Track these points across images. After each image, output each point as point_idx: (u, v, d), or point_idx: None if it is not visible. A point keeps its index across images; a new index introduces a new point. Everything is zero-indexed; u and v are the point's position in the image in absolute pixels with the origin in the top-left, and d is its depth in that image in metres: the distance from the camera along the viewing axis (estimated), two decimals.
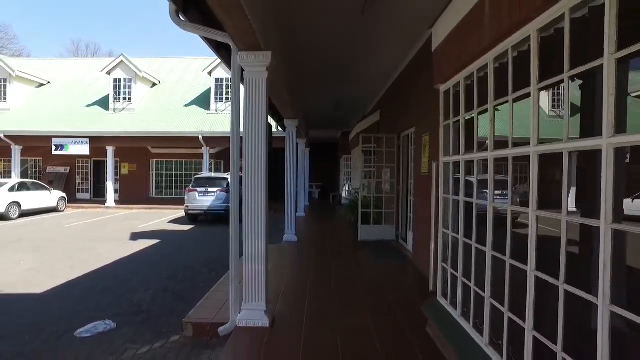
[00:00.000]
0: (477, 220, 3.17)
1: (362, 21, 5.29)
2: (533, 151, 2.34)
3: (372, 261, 7.41)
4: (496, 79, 2.85)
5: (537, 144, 2.32)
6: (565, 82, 2.09)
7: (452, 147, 3.72)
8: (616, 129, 1.77)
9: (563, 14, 2.09)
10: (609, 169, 1.76)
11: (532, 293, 2.36)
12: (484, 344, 2.94)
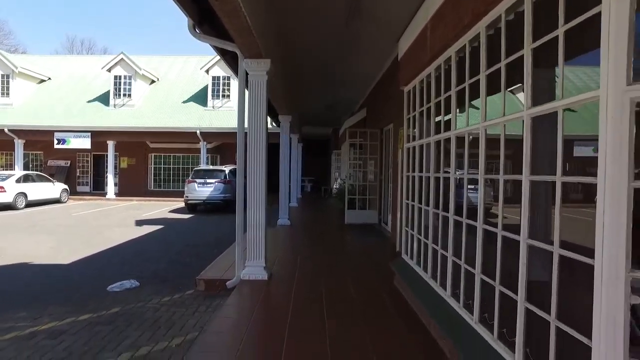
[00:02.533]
0: (427, 189, 4.23)
1: (347, 33, 6.29)
2: (467, 131, 3.39)
3: (355, 239, 8.52)
4: (436, 83, 3.90)
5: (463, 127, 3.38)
6: (481, 81, 3.11)
7: (412, 135, 4.78)
8: (533, 103, 2.24)
9: (478, 33, 3.13)
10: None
11: (480, 244, 3.41)
12: (431, 280, 3.99)
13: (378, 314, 4.13)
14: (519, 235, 2.33)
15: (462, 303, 3.19)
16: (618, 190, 1.58)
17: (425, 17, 4.10)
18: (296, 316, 4.03)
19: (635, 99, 1.57)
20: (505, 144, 2.62)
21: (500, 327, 2.58)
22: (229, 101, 21.04)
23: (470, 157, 3.30)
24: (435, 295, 3.72)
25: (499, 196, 2.65)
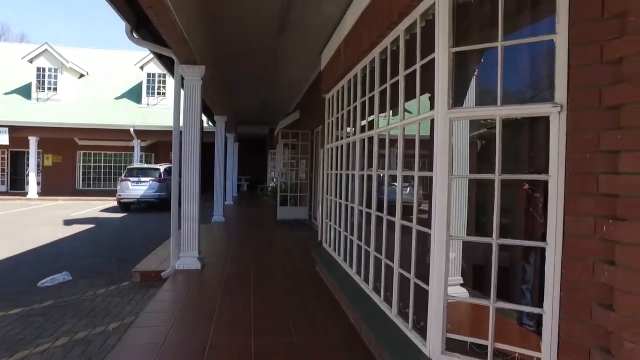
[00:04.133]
0: (341, 185, 4.92)
1: (278, 43, 6.85)
2: (376, 133, 4.09)
3: (285, 233, 9.17)
4: (347, 94, 4.60)
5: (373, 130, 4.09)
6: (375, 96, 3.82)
7: (330, 137, 5.47)
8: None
9: (373, 57, 3.83)
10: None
11: (373, 229, 4.11)
12: (343, 263, 4.68)
13: (298, 292, 4.78)
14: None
15: (363, 277, 3.90)
16: (442, 180, 2.31)
17: (340, 38, 4.80)
18: (226, 295, 4.57)
19: (453, 118, 2.31)
20: (388, 145, 3.34)
21: (385, 292, 3.29)
22: (164, 99, 20.77)
23: (379, 157, 4.02)
24: (346, 275, 4.41)
25: (410, 193, 3.36)
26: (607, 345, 1.82)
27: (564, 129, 2.00)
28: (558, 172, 2.02)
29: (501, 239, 2.20)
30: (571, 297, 1.98)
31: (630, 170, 1.73)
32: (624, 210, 1.76)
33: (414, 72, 2.79)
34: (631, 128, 1.73)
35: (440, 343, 2.36)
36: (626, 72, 1.77)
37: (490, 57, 3.95)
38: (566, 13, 2.00)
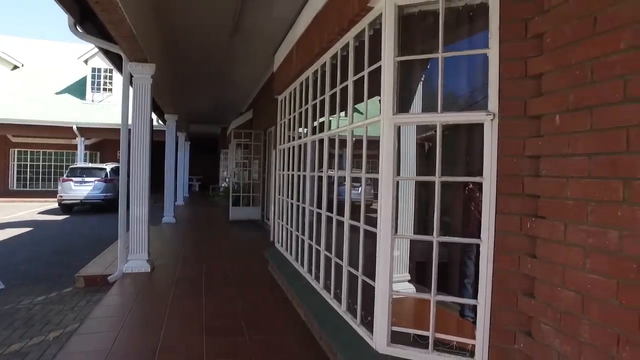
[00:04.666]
0: (295, 186, 5.00)
1: (231, 43, 6.81)
2: (326, 135, 4.19)
3: (237, 233, 9.15)
4: (300, 96, 4.69)
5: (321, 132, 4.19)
6: (326, 99, 3.92)
7: (283, 138, 5.53)
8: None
9: (324, 62, 3.94)
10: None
11: (324, 228, 4.20)
12: (295, 262, 4.76)
13: (250, 292, 4.80)
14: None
15: (314, 275, 4.00)
16: (387, 181, 2.45)
17: (292, 41, 4.88)
18: (177, 297, 4.52)
19: (397, 123, 2.46)
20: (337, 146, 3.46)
21: (335, 289, 3.41)
22: (111, 95, 19.84)
23: (330, 158, 4.13)
24: (298, 274, 4.49)
25: (368, 193, 3.48)
26: (529, 328, 2.03)
27: (496, 136, 2.20)
28: (491, 175, 2.21)
29: (441, 236, 2.37)
30: (501, 288, 2.18)
31: (548, 173, 1.94)
32: (543, 209, 1.97)
33: (362, 78, 2.93)
34: (549, 136, 1.94)
35: (385, 336, 2.50)
36: (545, 86, 1.98)
37: (436, 65, 4.20)
38: (497, 31, 2.20)
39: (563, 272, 1.85)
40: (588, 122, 1.75)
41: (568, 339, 1.81)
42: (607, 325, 1.65)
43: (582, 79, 1.78)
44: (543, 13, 2.01)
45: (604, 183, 1.67)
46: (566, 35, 1.87)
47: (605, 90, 1.68)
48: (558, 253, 1.88)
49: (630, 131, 1.58)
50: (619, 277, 1.61)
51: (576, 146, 1.80)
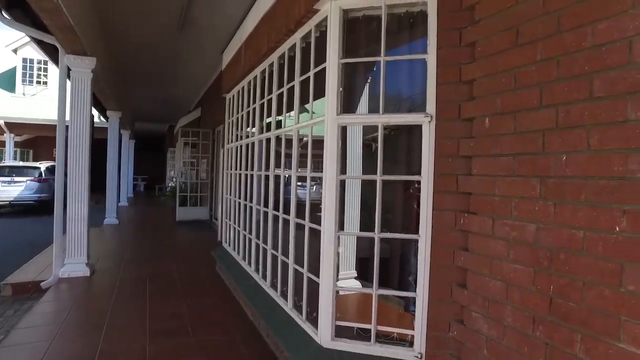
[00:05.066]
0: (242, 185, 4.97)
1: (179, 39, 6.63)
2: (273, 135, 4.19)
3: (184, 234, 8.93)
4: (248, 95, 4.67)
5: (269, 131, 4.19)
6: (273, 99, 3.94)
7: (231, 137, 5.48)
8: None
9: (272, 62, 3.95)
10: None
11: (271, 228, 4.21)
12: (242, 261, 4.74)
13: (197, 293, 4.72)
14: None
15: (261, 274, 4.01)
16: (331, 180, 2.52)
17: (241, 39, 4.85)
18: (119, 301, 4.34)
19: (341, 123, 2.54)
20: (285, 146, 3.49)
21: (282, 287, 3.44)
22: (46, 89, 18.59)
23: (277, 157, 4.14)
24: (245, 273, 4.47)
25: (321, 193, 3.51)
26: (461, 317, 2.18)
27: (433, 137, 2.33)
28: (428, 174, 2.34)
29: (381, 233, 2.47)
30: (437, 281, 2.31)
31: (478, 172, 2.09)
32: (475, 206, 2.12)
33: (309, 79, 2.98)
34: (479, 137, 2.09)
35: (330, 331, 2.57)
36: (476, 91, 2.13)
37: (391, 67, 4.33)
38: (434, 38, 2.33)
39: (491, 263, 2.00)
40: (512, 125, 1.91)
41: (494, 324, 1.97)
42: (525, 309, 1.81)
43: (507, 86, 1.94)
44: (475, 23, 2.16)
45: (525, 181, 1.84)
46: (494, 45, 2.03)
47: (526, 96, 1.84)
48: (487, 246, 2.03)
49: (546, 134, 1.75)
50: (535, 265, 1.78)
51: (503, 147, 1.96)
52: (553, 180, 1.72)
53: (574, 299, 1.63)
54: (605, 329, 1.52)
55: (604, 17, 1.56)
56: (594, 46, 1.59)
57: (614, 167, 1.51)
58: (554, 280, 1.70)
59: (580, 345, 1.60)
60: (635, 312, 1.43)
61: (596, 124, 1.57)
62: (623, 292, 1.47)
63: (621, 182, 1.48)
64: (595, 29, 1.58)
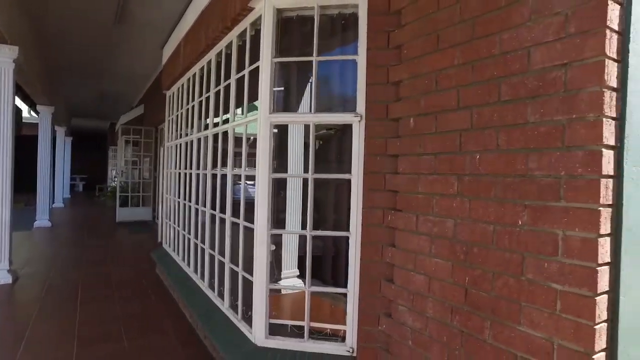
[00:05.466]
0: (182, 184, 4.84)
1: (117, 30, 6.32)
2: (210, 133, 4.11)
3: (124, 235, 8.52)
4: (187, 92, 4.56)
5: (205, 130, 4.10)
6: (210, 97, 3.87)
7: (171, 135, 5.32)
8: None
9: (210, 60, 3.88)
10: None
11: (208, 227, 4.13)
12: (184, 264, 4.62)
13: (134, 296, 4.54)
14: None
15: (200, 275, 3.93)
16: (263, 178, 2.52)
17: (180, 34, 4.72)
18: (45, 308, 4.09)
19: (273, 122, 2.55)
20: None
21: (219, 287, 3.40)
22: None
23: (214, 156, 4.07)
24: (184, 274, 4.37)
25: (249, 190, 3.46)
26: (389, 311, 2.26)
27: (363, 136, 2.39)
28: (358, 172, 2.40)
29: (313, 230, 2.50)
30: (367, 276, 2.38)
31: (404, 171, 2.18)
32: (400, 203, 2.20)
33: (244, 77, 2.96)
34: (405, 137, 2.18)
35: (264, 329, 2.57)
36: (402, 92, 2.22)
37: (325, 67, 4.39)
38: (364, 40, 2.39)
39: (415, 258, 2.09)
40: (434, 125, 2.01)
41: (418, 316, 2.06)
42: (444, 300, 1.91)
43: (429, 88, 2.04)
44: (401, 27, 2.24)
45: (444, 179, 1.93)
46: (418, 48, 2.12)
47: (445, 98, 1.94)
48: (411, 241, 2.12)
49: (462, 134, 1.86)
50: (453, 259, 1.88)
51: (425, 146, 2.05)
52: (468, 178, 1.82)
53: (484, 289, 1.74)
54: (509, 315, 1.63)
55: (508, 28, 1.67)
56: (501, 53, 1.70)
57: (517, 166, 1.63)
58: (469, 273, 1.81)
59: (489, 332, 1.71)
60: (532, 298, 1.56)
61: (503, 126, 1.69)
62: (523, 280, 1.59)
63: (523, 180, 1.60)
64: (501, 38, 1.70)
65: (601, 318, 1.41)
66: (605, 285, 1.43)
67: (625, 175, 1.46)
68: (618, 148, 1.45)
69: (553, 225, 1.51)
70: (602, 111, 1.39)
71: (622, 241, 1.45)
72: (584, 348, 1.41)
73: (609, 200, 1.43)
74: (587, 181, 1.42)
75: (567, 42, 1.48)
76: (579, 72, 1.45)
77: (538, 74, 1.57)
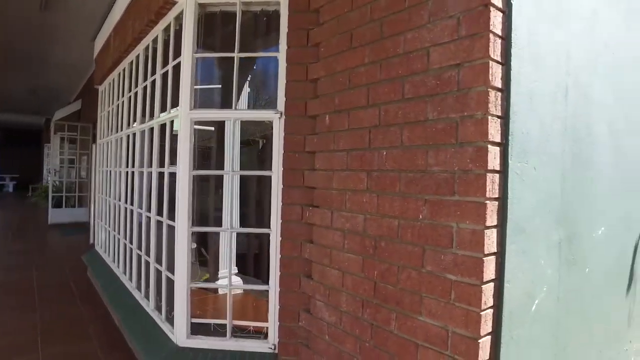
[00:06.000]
0: (112, 183, 4.64)
1: (44, 18, 5.92)
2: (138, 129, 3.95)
3: (57, 238, 8.04)
4: (118, 87, 4.38)
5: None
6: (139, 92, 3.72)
7: (103, 132, 5.08)
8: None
9: (138, 54, 3.74)
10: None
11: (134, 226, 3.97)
12: (114, 265, 4.42)
13: (61, 301, 4.29)
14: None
15: (128, 276, 3.79)
16: (184, 175, 2.47)
17: (110, 26, 4.52)
18: None
19: (194, 118, 2.50)
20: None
21: (146, 288, 3.29)
22: None
23: (141, 153, 3.92)
24: (114, 276, 4.19)
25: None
26: (308, 306, 2.28)
27: (283, 133, 2.40)
28: (278, 169, 2.40)
29: (235, 228, 2.48)
30: (287, 273, 2.39)
31: (320, 167, 2.20)
32: (317, 199, 2.23)
33: (168, 73, 2.88)
34: (322, 134, 2.20)
35: (185, 329, 2.51)
36: (320, 89, 2.24)
37: (261, 65, 4.36)
38: (285, 37, 2.40)
39: (330, 253, 2.12)
40: (346, 122, 2.05)
41: (333, 311, 2.09)
42: (356, 295, 1.96)
43: (343, 85, 2.07)
44: (320, 25, 2.27)
45: (355, 175, 1.98)
46: (334, 46, 2.15)
47: (357, 96, 1.98)
48: (327, 237, 2.14)
49: (371, 131, 1.90)
50: (363, 254, 1.92)
51: (339, 143, 2.09)
52: (377, 174, 1.87)
53: (391, 282, 1.79)
54: (411, 306, 1.70)
55: (411, 28, 1.74)
56: (405, 53, 1.76)
57: (418, 162, 1.69)
58: (378, 267, 1.86)
59: (395, 323, 1.77)
60: (431, 289, 1.62)
61: (407, 123, 1.75)
62: (424, 272, 1.66)
63: (423, 175, 1.67)
64: (406, 38, 1.76)
65: (487, 305, 1.50)
66: (491, 274, 1.52)
67: (510, 170, 1.55)
68: (504, 145, 1.54)
69: (448, 218, 1.58)
70: (487, 109, 1.48)
71: (508, 232, 1.55)
72: (471, 333, 1.49)
73: (495, 194, 1.52)
74: (476, 176, 1.50)
75: (460, 43, 1.56)
76: (469, 72, 1.53)
77: (436, 73, 1.64)
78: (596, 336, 2.26)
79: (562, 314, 1.90)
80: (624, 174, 2.43)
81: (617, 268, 2.46)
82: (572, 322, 2.01)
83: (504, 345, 1.55)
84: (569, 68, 1.87)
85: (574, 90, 1.91)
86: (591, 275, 2.15)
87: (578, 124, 1.96)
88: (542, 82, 1.71)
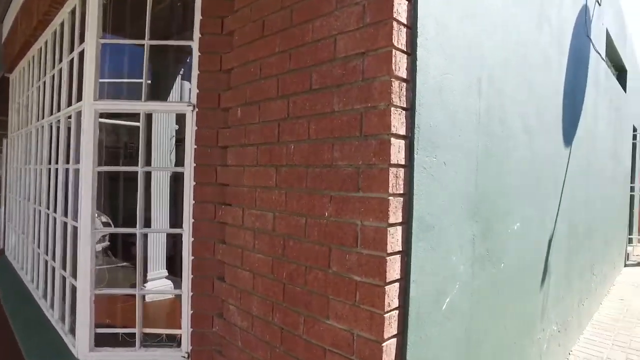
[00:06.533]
0: (22, 181, 4.23)
1: None
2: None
3: None
4: (28, 76, 3.99)
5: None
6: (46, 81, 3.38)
7: (14, 125, 4.64)
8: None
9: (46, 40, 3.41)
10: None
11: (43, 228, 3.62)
12: (23, 272, 4.01)
13: None
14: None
15: (35, 284, 3.45)
16: (87, 171, 2.24)
17: (17, 6, 4.11)
18: None
19: (98, 109, 2.28)
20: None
21: (51, 296, 3.00)
22: None
23: (49, 148, 3.59)
24: (21, 285, 3.81)
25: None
26: (222, 311, 2.13)
27: (195, 126, 2.23)
28: (191, 164, 2.23)
29: (144, 228, 2.29)
30: (200, 275, 2.23)
31: (232, 163, 2.07)
32: (229, 197, 2.09)
33: (74, 60, 2.63)
34: (233, 127, 2.07)
35: (88, 340, 2.29)
36: (233, 80, 2.11)
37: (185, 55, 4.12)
38: (199, 25, 2.24)
39: (242, 254, 2.00)
40: (257, 115, 1.93)
41: (245, 315, 1.97)
42: (266, 297, 1.84)
43: (255, 76, 1.95)
44: (234, 13, 2.13)
45: (265, 170, 1.86)
46: (246, 35, 2.02)
47: (267, 87, 1.87)
48: (238, 237, 2.02)
49: (280, 124, 1.80)
50: (273, 254, 1.81)
51: (250, 137, 1.96)
52: (285, 169, 1.77)
53: (299, 284, 1.69)
54: (319, 309, 1.61)
55: (319, 15, 1.64)
56: (313, 41, 1.67)
57: (324, 156, 1.60)
58: (286, 267, 1.75)
59: (303, 327, 1.67)
60: (337, 291, 1.54)
61: (314, 115, 1.65)
62: (330, 273, 1.57)
63: (329, 170, 1.58)
64: (314, 26, 1.67)
65: (391, 306, 1.43)
66: (396, 273, 1.45)
67: (417, 164, 1.50)
68: (409, 138, 1.49)
69: (353, 215, 1.50)
70: (390, 100, 1.41)
71: (414, 229, 1.49)
72: (375, 336, 1.42)
73: (400, 189, 1.45)
74: (379, 170, 1.43)
75: (365, 31, 1.48)
76: (373, 61, 1.46)
77: (342, 62, 1.55)
78: (511, 329, 2.29)
79: (476, 309, 1.89)
80: (539, 170, 2.48)
81: (532, 262, 2.52)
82: (487, 316, 2.01)
83: (410, 347, 1.50)
84: (483, 62, 1.86)
85: (488, 85, 1.89)
86: (506, 270, 2.17)
87: (492, 119, 1.96)
88: (453, 74, 1.67)
